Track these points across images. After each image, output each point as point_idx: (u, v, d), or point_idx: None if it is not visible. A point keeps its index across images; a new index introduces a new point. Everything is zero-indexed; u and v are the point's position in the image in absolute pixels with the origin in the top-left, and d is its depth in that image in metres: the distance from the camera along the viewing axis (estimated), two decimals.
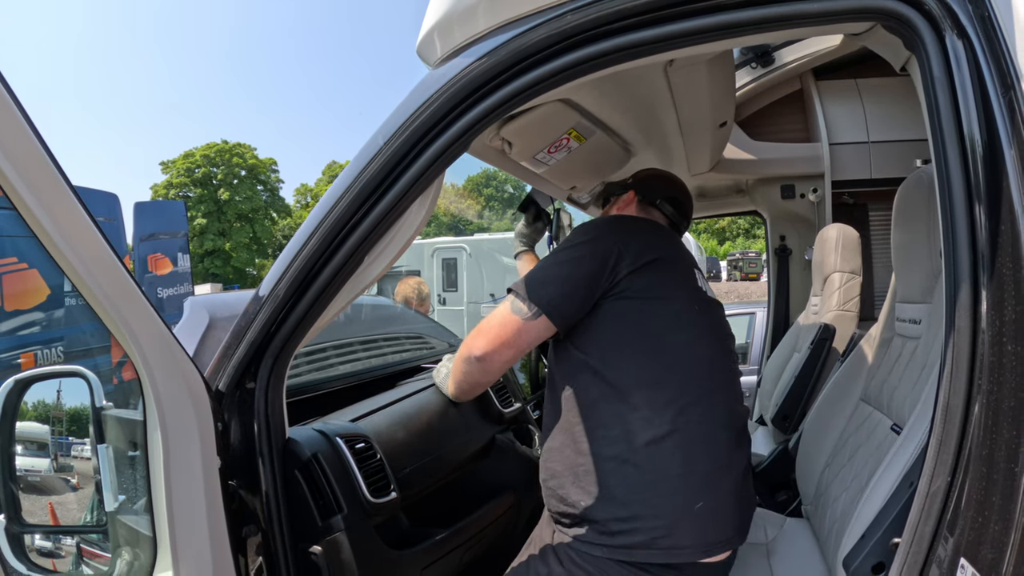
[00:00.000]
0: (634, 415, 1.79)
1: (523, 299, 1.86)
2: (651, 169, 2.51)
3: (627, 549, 1.74)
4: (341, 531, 1.83)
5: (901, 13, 1.22)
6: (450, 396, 2.37)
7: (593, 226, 2.00)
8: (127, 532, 1.58)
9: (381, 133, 1.57)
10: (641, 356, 1.83)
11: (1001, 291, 1.08)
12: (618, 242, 1.89)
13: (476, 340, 1.92)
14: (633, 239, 1.93)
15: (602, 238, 1.92)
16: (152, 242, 12.14)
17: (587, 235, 1.95)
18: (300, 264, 1.62)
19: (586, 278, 1.86)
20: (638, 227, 2.06)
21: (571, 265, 1.89)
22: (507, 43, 1.45)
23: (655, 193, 2.33)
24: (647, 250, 1.90)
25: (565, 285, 1.86)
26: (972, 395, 1.13)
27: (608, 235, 1.93)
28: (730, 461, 1.85)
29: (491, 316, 1.92)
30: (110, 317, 1.40)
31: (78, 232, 1.31)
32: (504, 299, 1.93)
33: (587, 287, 1.86)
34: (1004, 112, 1.09)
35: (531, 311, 1.84)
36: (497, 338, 1.89)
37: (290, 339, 1.68)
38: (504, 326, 1.88)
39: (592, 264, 1.86)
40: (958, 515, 1.14)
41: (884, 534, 1.42)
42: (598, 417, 1.83)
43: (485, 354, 1.91)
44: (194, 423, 1.55)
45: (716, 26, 1.34)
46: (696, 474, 1.76)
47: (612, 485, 1.77)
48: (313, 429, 2.01)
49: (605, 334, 1.87)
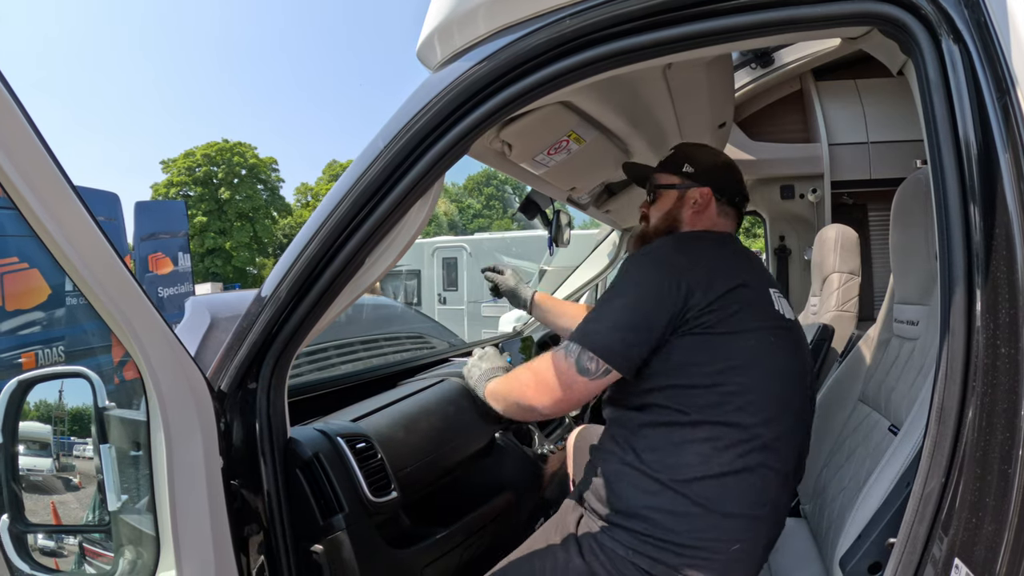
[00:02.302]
0: (692, 448, 1.73)
1: (590, 357, 1.73)
2: (703, 148, 2.17)
3: (651, 560, 1.72)
4: (342, 530, 1.83)
5: (898, 18, 1.23)
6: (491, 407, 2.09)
7: (657, 258, 1.83)
8: (130, 531, 1.58)
9: (382, 136, 1.58)
10: (708, 394, 1.73)
11: (995, 294, 1.09)
12: (688, 275, 1.74)
13: (538, 394, 1.81)
14: (704, 268, 1.77)
15: (670, 272, 1.76)
16: (153, 241, 12.11)
17: (652, 269, 1.79)
18: (302, 265, 1.62)
19: (656, 322, 1.73)
20: (708, 250, 1.88)
21: (639, 311, 1.75)
22: (507, 47, 1.46)
23: (733, 189, 2.09)
24: (720, 280, 1.76)
25: (635, 334, 1.73)
26: (967, 397, 1.14)
27: (676, 267, 1.77)
28: (776, 505, 1.80)
29: (552, 367, 1.79)
30: (113, 318, 1.40)
31: (80, 232, 1.31)
32: (562, 348, 1.79)
33: (658, 331, 1.73)
34: (999, 116, 1.10)
35: (600, 369, 1.73)
36: (563, 399, 1.78)
37: (292, 340, 1.69)
38: (571, 388, 1.76)
39: (661, 306, 1.73)
40: (952, 516, 1.14)
41: (880, 534, 1.43)
42: (655, 440, 1.78)
43: (550, 411, 1.83)
44: (197, 423, 1.55)
45: (713, 31, 1.35)
46: (742, 518, 1.72)
47: (655, 504, 1.74)
48: (314, 429, 2.01)
49: (672, 369, 1.75)
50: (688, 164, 2.06)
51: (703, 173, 2.05)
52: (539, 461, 2.81)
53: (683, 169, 2.06)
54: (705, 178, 2.05)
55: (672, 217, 2.06)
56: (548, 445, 2.94)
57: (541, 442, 2.93)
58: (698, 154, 2.09)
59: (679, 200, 2.06)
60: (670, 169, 2.10)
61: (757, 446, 1.72)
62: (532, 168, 2.35)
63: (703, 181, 2.04)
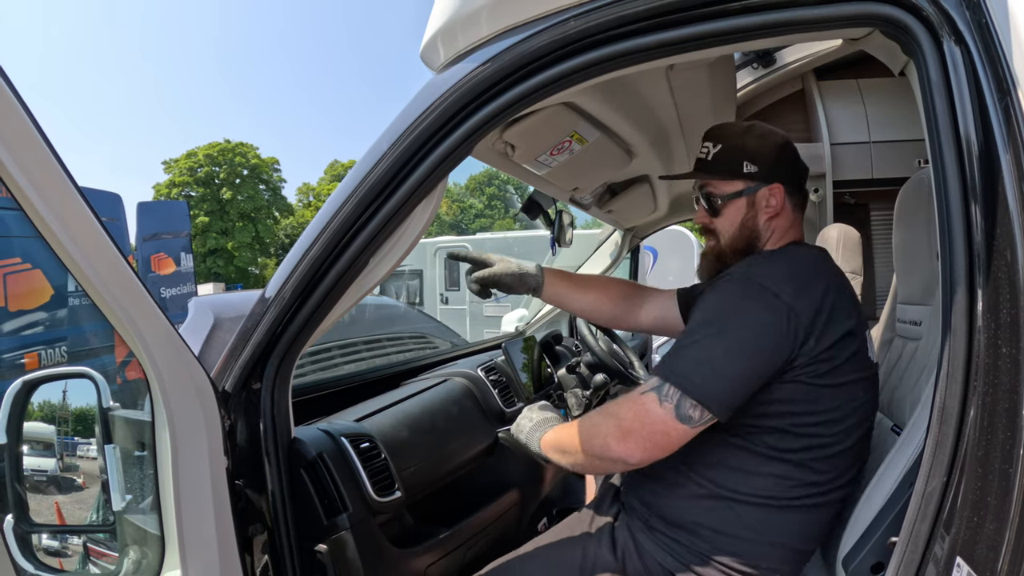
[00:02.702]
0: (760, 478, 1.67)
1: (693, 405, 1.56)
2: (750, 133, 1.87)
3: (690, 572, 1.70)
4: (346, 529, 1.83)
5: (899, 19, 1.24)
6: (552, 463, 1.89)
7: (763, 288, 1.62)
8: (134, 531, 1.59)
9: (386, 137, 1.59)
10: (794, 441, 1.65)
11: (997, 294, 1.09)
12: (803, 316, 1.58)
13: (626, 444, 1.61)
14: (817, 307, 1.60)
15: (782, 311, 1.58)
16: (155, 242, 12.11)
17: (761, 305, 1.61)
18: (306, 266, 1.63)
19: (764, 371, 1.59)
20: (817, 282, 1.66)
21: (745, 355, 1.58)
22: (510, 48, 1.47)
23: (799, 172, 1.88)
24: (834, 325, 1.61)
25: (740, 382, 1.58)
26: (968, 397, 1.14)
27: (788, 305, 1.59)
28: (821, 541, 1.75)
29: (642, 413, 1.61)
30: (117, 318, 1.41)
31: (85, 232, 1.32)
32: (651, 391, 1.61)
33: (764, 379, 1.60)
34: (1000, 117, 1.10)
35: (704, 418, 1.57)
36: (657, 447, 1.60)
37: (296, 340, 1.69)
38: (668, 435, 1.58)
39: (771, 352, 1.58)
40: (954, 515, 1.15)
41: (883, 534, 1.44)
42: (722, 458, 1.70)
43: (640, 462, 1.63)
44: (202, 423, 1.56)
45: (716, 32, 1.36)
46: (789, 550, 1.69)
47: (708, 521, 1.70)
48: (318, 429, 2.02)
49: (762, 409, 1.64)
50: (749, 162, 1.81)
51: (768, 168, 1.82)
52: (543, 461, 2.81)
53: (744, 170, 1.82)
54: (773, 174, 1.82)
55: (748, 228, 1.84)
56: None
57: None
58: (750, 143, 1.83)
59: (750, 207, 1.84)
60: (728, 173, 1.84)
61: (826, 490, 1.68)
62: (535, 169, 2.35)
63: (771, 178, 1.82)
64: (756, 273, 1.68)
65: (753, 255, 1.83)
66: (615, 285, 2.40)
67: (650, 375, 1.72)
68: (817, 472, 1.66)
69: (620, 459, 1.63)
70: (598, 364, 3.42)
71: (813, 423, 1.64)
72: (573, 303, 2.34)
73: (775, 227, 1.84)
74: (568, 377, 3.49)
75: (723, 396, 1.56)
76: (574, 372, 3.50)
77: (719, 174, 1.85)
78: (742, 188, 1.82)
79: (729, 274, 1.74)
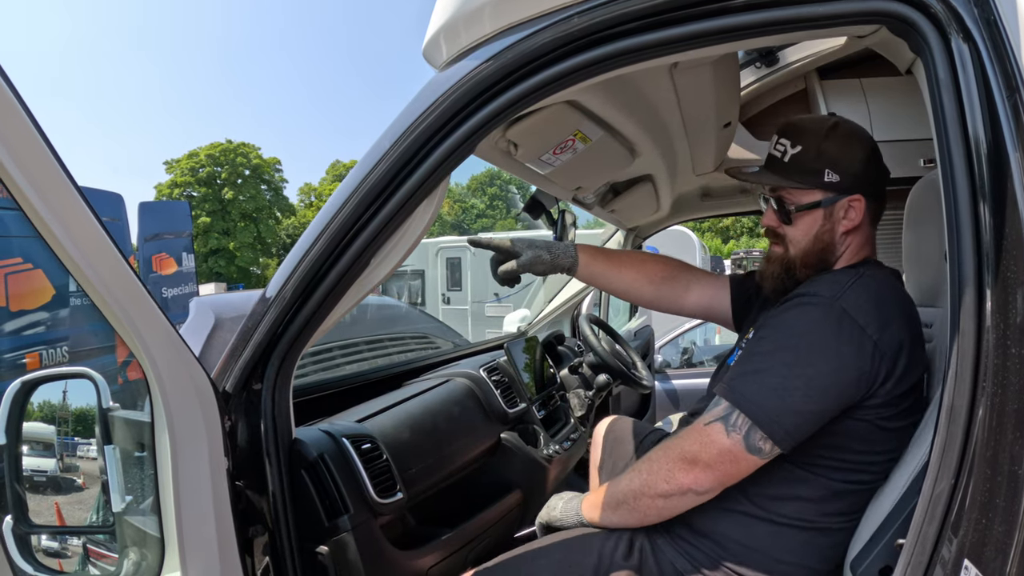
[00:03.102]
0: (798, 501, 1.62)
1: (763, 437, 1.51)
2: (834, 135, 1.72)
3: (695, 570, 1.67)
4: (348, 531, 1.82)
5: (906, 16, 1.22)
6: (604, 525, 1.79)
7: (841, 316, 1.53)
8: (134, 532, 1.59)
9: (387, 136, 1.58)
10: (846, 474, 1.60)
11: (1006, 295, 1.08)
12: (885, 356, 1.51)
13: (696, 473, 1.57)
14: (899, 343, 1.52)
15: (864, 347, 1.50)
16: (157, 242, 12.12)
17: (841, 336, 1.52)
18: (307, 266, 1.62)
19: (835, 407, 1.52)
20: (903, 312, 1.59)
21: (816, 389, 1.50)
22: (513, 46, 1.45)
23: (883, 185, 1.76)
24: (914, 366, 1.55)
25: (810, 418, 1.52)
26: (976, 398, 1.13)
27: (871, 340, 1.50)
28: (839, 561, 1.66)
29: (709, 443, 1.56)
30: (117, 318, 1.40)
31: (85, 233, 1.32)
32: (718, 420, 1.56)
33: (832, 415, 1.53)
34: (1009, 115, 1.09)
35: (772, 451, 1.53)
36: (726, 475, 1.56)
37: (297, 340, 1.68)
38: (736, 463, 1.54)
39: (846, 390, 1.51)
40: (962, 517, 1.14)
41: (892, 537, 1.41)
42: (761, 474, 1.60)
43: (712, 491, 1.59)
44: (202, 424, 1.55)
45: (721, 29, 1.34)
46: (808, 570, 1.64)
47: (736, 534, 1.66)
48: (319, 430, 2.01)
49: (819, 443, 1.57)
50: (831, 170, 1.67)
51: (851, 178, 1.68)
52: (545, 462, 2.80)
53: (825, 178, 1.68)
54: (855, 184, 1.69)
55: (822, 242, 1.73)
56: (554, 446, 2.92)
57: (547, 443, 2.91)
58: (833, 148, 1.69)
59: (826, 219, 1.72)
60: (807, 179, 1.70)
61: (857, 517, 1.61)
62: (538, 168, 2.34)
63: (853, 189, 1.69)
64: (842, 299, 1.56)
65: (832, 273, 1.71)
66: (657, 264, 2.19)
67: (716, 399, 1.63)
68: (852, 500, 1.61)
69: (690, 489, 1.58)
70: (601, 364, 3.42)
71: (867, 461, 1.59)
72: (610, 283, 2.18)
73: (851, 242, 1.73)
74: (571, 377, 3.49)
75: (793, 431, 1.50)
76: (576, 372, 3.50)
77: (796, 181, 1.72)
78: (820, 199, 1.70)
79: (812, 294, 1.61)
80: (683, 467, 1.58)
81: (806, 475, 1.61)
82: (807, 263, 1.74)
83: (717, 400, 1.61)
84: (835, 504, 1.62)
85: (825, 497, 1.61)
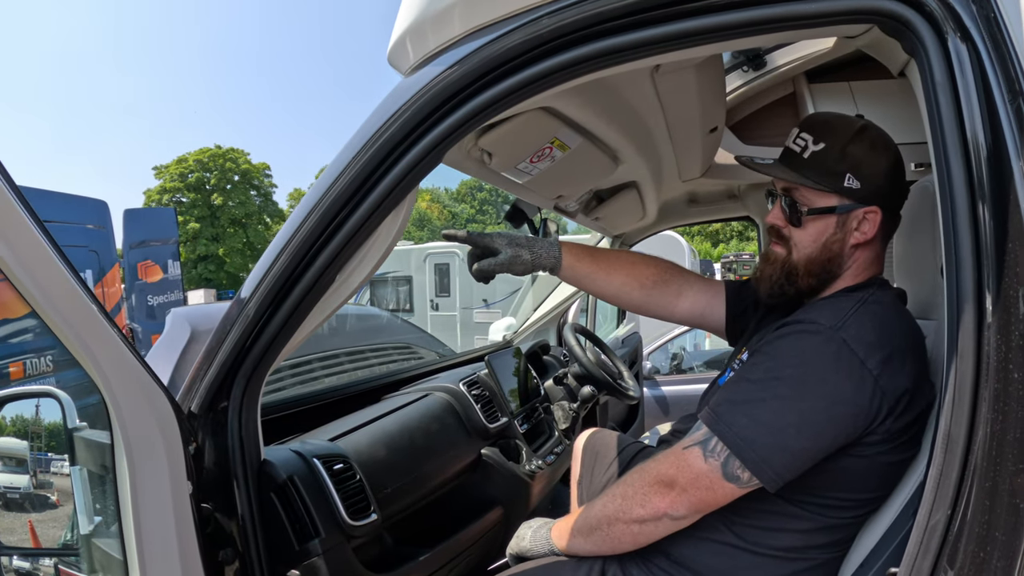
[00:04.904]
0: (788, 535, 1.54)
1: (741, 467, 1.43)
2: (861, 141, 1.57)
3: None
4: (319, 555, 1.79)
5: (900, 14, 1.17)
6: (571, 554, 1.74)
7: (840, 346, 1.42)
8: (101, 555, 1.57)
9: (350, 146, 1.52)
10: (837, 512, 1.52)
11: (1008, 314, 1.03)
12: (888, 392, 1.40)
13: (672, 497, 1.50)
14: (904, 380, 1.42)
15: (864, 382, 1.40)
16: (142, 249, 12.10)
17: (840, 369, 1.41)
18: (271, 282, 1.57)
19: (829, 445, 1.43)
20: (908, 344, 1.49)
21: (808, 424, 1.41)
22: (480, 49, 1.39)
23: (902, 201, 1.65)
24: (918, 398, 1.44)
25: (800, 456, 1.43)
26: (975, 424, 1.08)
27: (873, 374, 1.40)
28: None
29: (684, 466, 1.49)
30: (69, 341, 1.35)
31: (32, 256, 1.27)
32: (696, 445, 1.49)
33: (825, 452, 1.43)
34: (1012, 120, 1.04)
35: (751, 482, 1.44)
36: (702, 501, 1.48)
37: (263, 358, 1.64)
38: (712, 490, 1.46)
39: (844, 430, 1.41)
40: (958, 549, 1.11)
41: (884, 564, 1.37)
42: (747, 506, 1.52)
43: (686, 516, 1.51)
44: (161, 447, 1.51)
45: (703, 29, 1.28)
46: None
47: (716, 564, 1.58)
48: (290, 450, 1.97)
49: (810, 481, 1.47)
50: (853, 175, 1.55)
51: (872, 188, 1.56)
52: (527, 478, 2.75)
53: (845, 183, 1.56)
54: (874, 195, 1.57)
55: (830, 251, 1.61)
56: (537, 461, 2.87)
57: (529, 457, 2.86)
58: (858, 152, 1.56)
59: (838, 228, 1.60)
60: (826, 180, 1.58)
61: (846, 548, 1.55)
62: (515, 177, 2.28)
63: (871, 199, 1.57)
64: (843, 330, 1.45)
65: (835, 296, 1.62)
66: (649, 266, 2.04)
67: (698, 423, 1.55)
68: (845, 531, 1.54)
69: (665, 514, 1.51)
70: (586, 375, 3.37)
71: (862, 498, 1.51)
72: (596, 285, 2.03)
73: (859, 257, 1.62)
74: (555, 388, 3.44)
75: (781, 469, 1.42)
76: (561, 383, 3.45)
77: (813, 181, 1.59)
78: (835, 204, 1.58)
79: (811, 322, 1.50)
80: (659, 490, 1.52)
81: (797, 511, 1.53)
82: (811, 271, 1.63)
83: (699, 425, 1.53)
84: (826, 536, 1.55)
85: (815, 530, 1.54)
